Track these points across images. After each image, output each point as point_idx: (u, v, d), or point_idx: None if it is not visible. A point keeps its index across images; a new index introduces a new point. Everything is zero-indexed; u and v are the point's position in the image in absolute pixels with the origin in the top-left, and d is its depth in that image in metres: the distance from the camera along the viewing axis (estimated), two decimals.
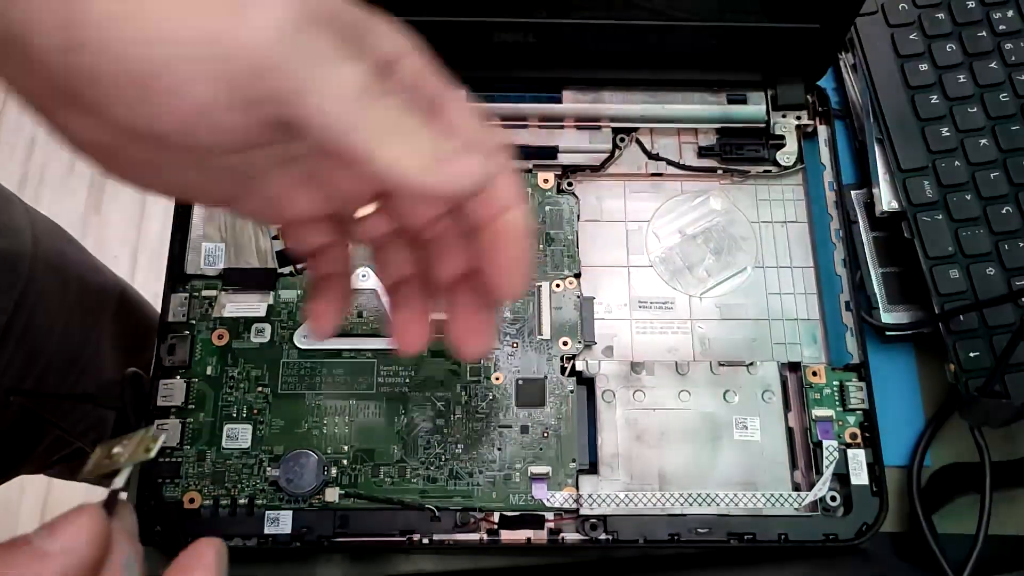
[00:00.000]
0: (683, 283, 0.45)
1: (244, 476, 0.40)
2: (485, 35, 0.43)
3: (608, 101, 0.47)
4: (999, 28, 0.47)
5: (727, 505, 0.40)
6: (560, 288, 0.44)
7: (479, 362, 0.42)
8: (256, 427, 0.41)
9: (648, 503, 0.40)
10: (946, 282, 0.43)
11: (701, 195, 0.46)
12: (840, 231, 0.45)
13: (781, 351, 0.43)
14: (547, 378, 0.42)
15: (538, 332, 0.43)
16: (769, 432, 0.41)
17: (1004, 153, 0.45)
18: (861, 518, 0.40)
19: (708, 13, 0.42)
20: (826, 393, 0.42)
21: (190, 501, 0.39)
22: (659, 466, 0.41)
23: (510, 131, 0.46)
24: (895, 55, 0.48)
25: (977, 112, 0.46)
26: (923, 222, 0.44)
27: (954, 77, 0.47)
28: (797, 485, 0.41)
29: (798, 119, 0.47)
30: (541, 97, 0.46)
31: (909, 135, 0.46)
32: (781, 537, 0.39)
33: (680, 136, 0.47)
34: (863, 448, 0.41)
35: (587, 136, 0.46)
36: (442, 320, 0.35)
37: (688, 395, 0.42)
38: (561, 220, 0.45)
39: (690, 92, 0.47)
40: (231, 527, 0.39)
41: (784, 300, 0.44)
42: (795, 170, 0.47)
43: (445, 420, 0.41)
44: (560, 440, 0.41)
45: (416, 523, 0.39)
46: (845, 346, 0.43)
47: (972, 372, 0.41)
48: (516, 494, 0.40)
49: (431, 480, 0.40)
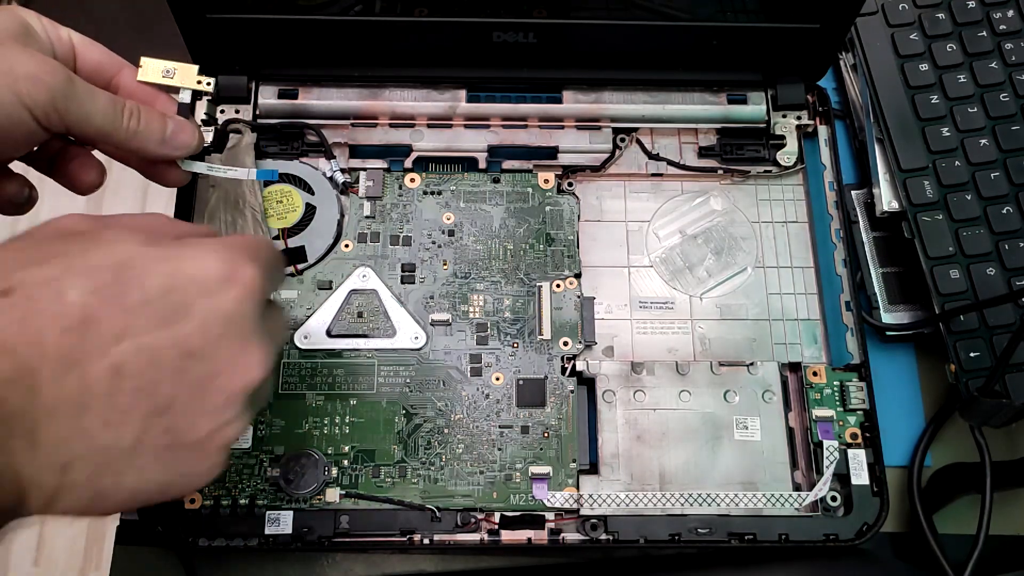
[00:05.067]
0: (683, 283, 0.45)
1: (245, 476, 0.40)
2: (485, 35, 0.43)
3: (608, 101, 0.47)
4: (999, 28, 0.47)
5: (727, 505, 0.40)
6: (560, 288, 0.44)
7: (479, 362, 0.42)
8: (256, 427, 0.41)
9: (648, 503, 0.40)
10: (946, 282, 0.43)
11: (701, 195, 0.46)
12: (840, 231, 0.45)
13: (781, 351, 0.43)
14: (547, 378, 0.42)
15: (538, 332, 0.43)
16: (769, 432, 0.41)
17: (1004, 153, 0.45)
18: (861, 518, 0.40)
19: (708, 13, 0.42)
20: (826, 393, 0.42)
21: (191, 501, 0.39)
22: (659, 466, 0.41)
23: (510, 131, 0.46)
24: (895, 55, 0.48)
25: (977, 112, 0.46)
26: (923, 222, 0.44)
27: (954, 77, 0.47)
28: (797, 485, 0.41)
29: (798, 119, 0.47)
30: (541, 97, 0.46)
31: (909, 135, 0.46)
32: (781, 537, 0.39)
33: (680, 136, 0.47)
34: (863, 448, 0.41)
35: (587, 136, 0.46)
36: (442, 320, 0.37)
37: (688, 395, 0.42)
38: (561, 220, 0.45)
39: (690, 92, 0.47)
40: (231, 527, 0.39)
41: (784, 300, 0.44)
42: (795, 170, 0.47)
43: (445, 420, 0.41)
44: (560, 440, 0.41)
45: (416, 523, 0.39)
46: (845, 346, 0.43)
47: (972, 372, 0.41)
48: (516, 494, 0.40)
49: (431, 480, 0.40)
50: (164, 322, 0.26)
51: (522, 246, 0.44)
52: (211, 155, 0.44)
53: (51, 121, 0.32)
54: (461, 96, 0.46)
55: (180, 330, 0.26)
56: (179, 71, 0.39)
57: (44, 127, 0.32)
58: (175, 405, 0.26)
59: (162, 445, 0.26)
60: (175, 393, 0.26)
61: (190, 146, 0.38)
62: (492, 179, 0.46)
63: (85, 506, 0.25)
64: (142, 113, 0.35)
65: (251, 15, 0.42)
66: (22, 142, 0.32)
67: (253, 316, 0.27)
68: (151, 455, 0.26)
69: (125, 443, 0.25)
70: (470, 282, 0.44)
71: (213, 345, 0.26)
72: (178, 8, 0.41)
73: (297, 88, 0.46)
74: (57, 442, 0.24)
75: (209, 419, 0.26)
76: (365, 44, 0.44)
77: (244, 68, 0.45)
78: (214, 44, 0.43)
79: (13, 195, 0.35)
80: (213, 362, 0.26)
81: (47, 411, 0.24)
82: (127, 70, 0.38)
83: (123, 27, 0.37)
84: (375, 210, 0.45)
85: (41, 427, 0.24)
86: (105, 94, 0.34)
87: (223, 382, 0.27)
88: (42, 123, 0.32)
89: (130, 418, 0.25)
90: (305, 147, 0.46)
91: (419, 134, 0.46)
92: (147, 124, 0.35)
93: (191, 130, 0.38)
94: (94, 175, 0.37)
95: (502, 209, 0.45)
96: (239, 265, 0.27)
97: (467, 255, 0.44)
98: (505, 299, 0.43)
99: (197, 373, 0.26)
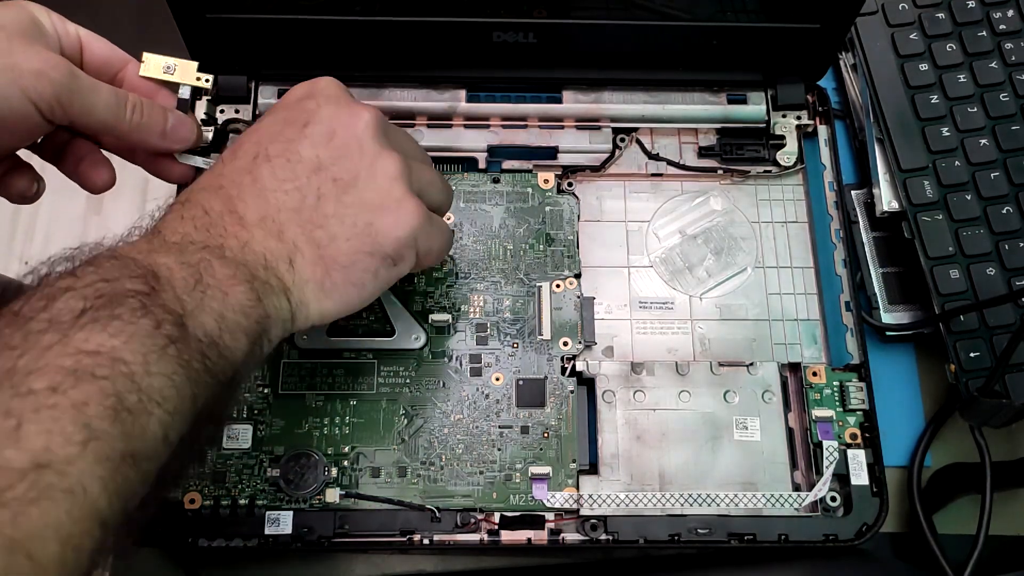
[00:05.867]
0: (683, 283, 0.45)
1: (244, 476, 0.40)
2: (485, 35, 0.43)
3: (608, 101, 0.47)
4: (999, 28, 0.47)
5: (727, 505, 0.40)
6: (560, 288, 0.43)
7: (479, 362, 0.42)
8: (256, 427, 0.41)
9: (648, 503, 0.40)
10: (946, 282, 0.43)
11: (701, 195, 0.46)
12: (840, 231, 0.45)
13: (781, 351, 0.43)
14: (547, 378, 0.42)
15: (538, 332, 0.43)
16: (769, 432, 0.41)
17: (1004, 153, 0.45)
18: (861, 518, 0.40)
19: (708, 13, 0.42)
20: (826, 393, 0.42)
21: (190, 502, 0.39)
22: (659, 466, 0.41)
23: (510, 131, 0.46)
24: (895, 55, 0.48)
25: (977, 112, 0.46)
26: (923, 222, 0.44)
27: (954, 77, 0.47)
28: (797, 485, 0.41)
29: (798, 119, 0.47)
30: (541, 97, 0.46)
31: (909, 135, 0.46)
32: (781, 537, 0.39)
33: (680, 136, 0.47)
34: (863, 448, 0.41)
35: (587, 136, 0.46)
36: (442, 321, 0.38)
37: (688, 395, 0.42)
38: (561, 220, 0.45)
39: (690, 92, 0.47)
40: (231, 527, 0.39)
41: (784, 300, 0.44)
42: (795, 170, 0.47)
43: (445, 420, 0.41)
44: (560, 440, 0.41)
45: (416, 523, 0.39)
46: (845, 346, 0.43)
47: (972, 372, 0.41)
48: (516, 494, 0.40)
49: (431, 480, 0.40)
50: (282, 120, 0.34)
51: (522, 246, 0.44)
52: (211, 155, 0.44)
53: (55, 114, 0.34)
54: (461, 96, 0.46)
55: (293, 115, 0.34)
56: (179, 67, 0.41)
57: (48, 120, 0.34)
58: (323, 160, 0.33)
59: (339, 191, 0.33)
60: (316, 152, 0.33)
61: (189, 140, 0.40)
62: (492, 179, 0.46)
63: (322, 266, 0.32)
64: (144, 107, 0.37)
65: (251, 15, 0.42)
66: (27, 133, 0.34)
67: (378, 135, 0.34)
68: (335, 201, 0.33)
69: (310, 199, 0.32)
70: (470, 282, 0.44)
71: (317, 115, 0.34)
72: (178, 8, 0.41)
73: None
74: (260, 216, 0.32)
75: (356, 159, 0.33)
76: (365, 44, 0.44)
77: (244, 68, 0.45)
78: (214, 44, 0.43)
79: (24, 189, 0.38)
80: (325, 124, 0.34)
81: (241, 202, 0.32)
82: (132, 65, 0.40)
83: (123, 24, 0.38)
84: None
85: (243, 210, 0.31)
86: (108, 88, 0.35)
87: (343, 132, 0.33)
88: (46, 116, 0.33)
89: (298, 181, 0.32)
90: None
91: (419, 134, 0.46)
92: (149, 118, 0.37)
93: (190, 125, 0.40)
94: (105, 175, 0.39)
95: (502, 209, 0.45)
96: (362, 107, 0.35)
97: (467, 255, 0.44)
98: (505, 299, 0.43)
99: (320, 133, 0.33)
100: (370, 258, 0.33)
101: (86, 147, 0.38)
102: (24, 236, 0.54)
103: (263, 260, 0.31)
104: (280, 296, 0.31)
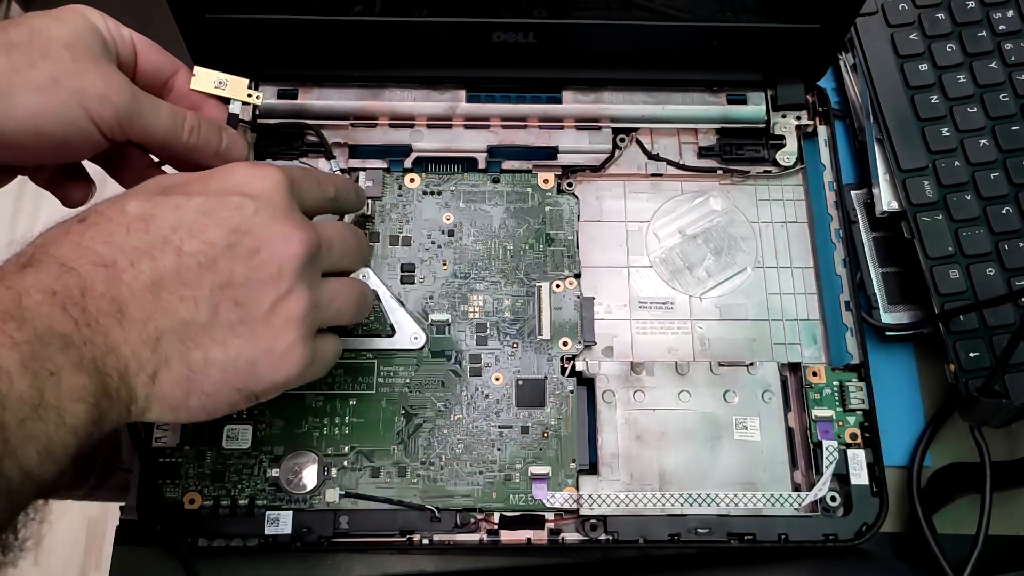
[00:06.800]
0: (683, 283, 0.45)
1: (244, 476, 0.40)
2: (485, 35, 0.43)
3: (608, 101, 0.47)
4: (999, 28, 0.47)
5: (727, 505, 0.40)
6: (560, 288, 0.44)
7: (479, 362, 0.42)
8: (256, 427, 0.41)
9: (648, 503, 0.40)
10: (946, 282, 0.43)
11: (701, 195, 0.46)
12: (840, 231, 0.45)
13: (781, 351, 0.43)
14: (547, 378, 0.42)
15: (538, 332, 0.43)
16: (769, 432, 0.41)
17: (1004, 153, 0.45)
18: (861, 518, 0.40)
19: (708, 13, 0.42)
20: (826, 393, 0.42)
21: (190, 502, 0.39)
22: (659, 466, 0.41)
23: (510, 131, 0.46)
24: (895, 55, 0.48)
25: (977, 112, 0.46)
26: (923, 222, 0.44)
27: (954, 77, 0.47)
28: (797, 485, 0.41)
29: (798, 119, 0.47)
30: (541, 97, 0.46)
31: (909, 135, 0.46)
32: (781, 537, 0.39)
33: (680, 136, 0.47)
34: (863, 448, 0.41)
35: (587, 136, 0.46)
36: (442, 321, 0.39)
37: (688, 395, 0.42)
38: (561, 220, 0.45)
39: (690, 92, 0.47)
40: (231, 527, 0.39)
41: (784, 300, 0.44)
42: (795, 170, 0.47)
43: (445, 420, 0.41)
44: (560, 440, 0.41)
45: (416, 523, 0.39)
46: (845, 346, 0.43)
47: (972, 372, 0.41)
48: (516, 494, 0.40)
49: (431, 480, 0.40)
50: (209, 211, 0.31)
51: (522, 246, 0.44)
52: None
53: (115, 134, 0.35)
54: (461, 96, 0.46)
55: (222, 214, 0.31)
56: (231, 83, 0.42)
57: (108, 139, 0.35)
58: (234, 277, 0.30)
59: (235, 318, 0.30)
60: (232, 266, 0.30)
61: (241, 159, 0.41)
62: (492, 179, 0.46)
63: (184, 388, 0.30)
64: (201, 128, 0.38)
65: (251, 15, 0.42)
66: (88, 150, 0.36)
67: (283, 199, 0.32)
68: (227, 328, 0.30)
69: (202, 316, 0.30)
70: (470, 282, 0.44)
71: (250, 222, 0.31)
72: (178, 8, 0.41)
73: (297, 88, 0.46)
74: (143, 317, 0.29)
75: (268, 289, 0.31)
76: (365, 44, 0.44)
77: (244, 68, 0.45)
78: (214, 44, 0.43)
79: (80, 198, 0.40)
80: (255, 236, 0.31)
81: (129, 291, 0.28)
82: (183, 72, 0.41)
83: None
84: (375, 210, 0.45)
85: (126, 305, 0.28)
86: (167, 109, 0.37)
87: (269, 253, 0.31)
88: (107, 136, 0.35)
89: (200, 291, 0.30)
90: (305, 147, 0.46)
91: (419, 134, 0.46)
92: (206, 140, 0.39)
93: (242, 145, 0.41)
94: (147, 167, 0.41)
95: (502, 209, 0.45)
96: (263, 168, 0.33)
97: (467, 255, 0.44)
98: (505, 299, 0.43)
99: (245, 246, 0.31)
100: (236, 394, 0.31)
101: (143, 160, 0.40)
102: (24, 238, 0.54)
103: (124, 368, 0.28)
104: (122, 408, 0.28)
